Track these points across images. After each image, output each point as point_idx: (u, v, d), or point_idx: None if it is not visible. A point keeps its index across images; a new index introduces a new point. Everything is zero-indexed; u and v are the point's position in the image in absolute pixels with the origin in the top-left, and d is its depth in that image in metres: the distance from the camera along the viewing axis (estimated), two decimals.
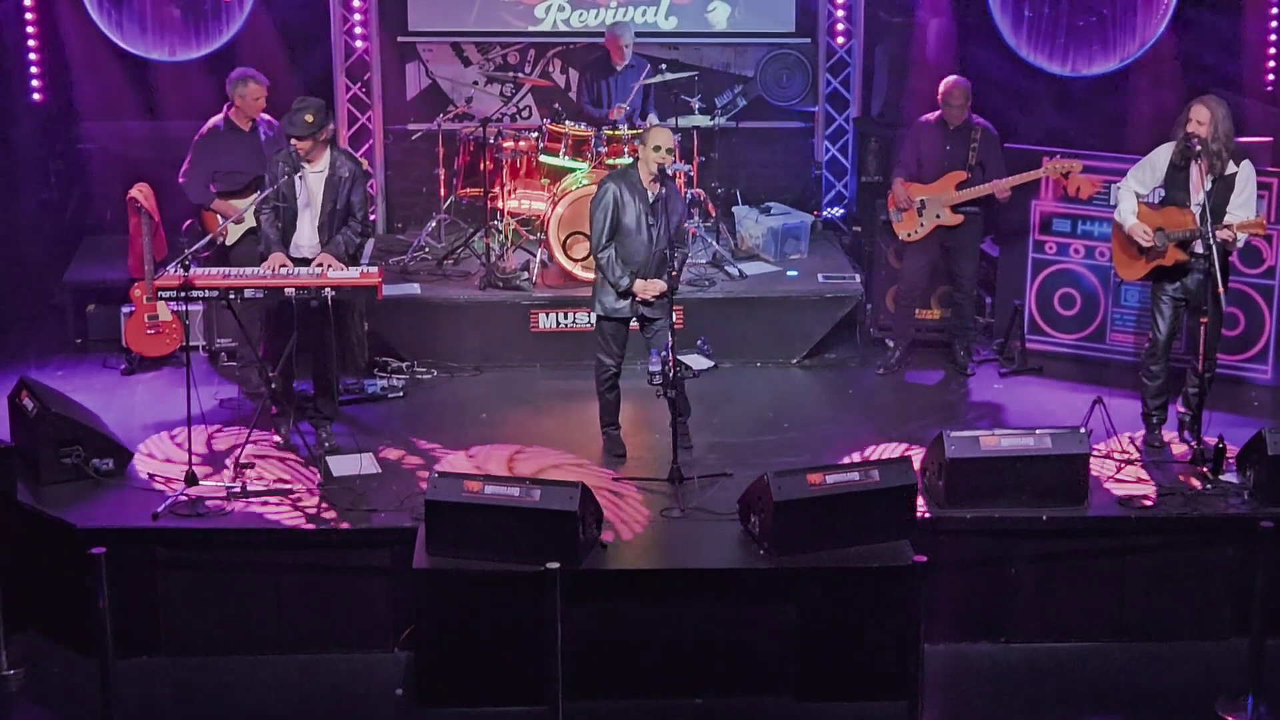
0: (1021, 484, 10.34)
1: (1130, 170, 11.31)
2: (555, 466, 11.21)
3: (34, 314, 14.01)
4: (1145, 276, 11.24)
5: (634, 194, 11.01)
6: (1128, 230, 11.09)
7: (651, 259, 11.09)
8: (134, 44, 14.61)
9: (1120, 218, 11.18)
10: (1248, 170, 10.96)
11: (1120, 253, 11.37)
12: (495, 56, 15.66)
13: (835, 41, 15.48)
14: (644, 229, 11.02)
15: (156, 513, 10.28)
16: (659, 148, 10.87)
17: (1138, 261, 11.21)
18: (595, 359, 11.49)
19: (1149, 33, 14.82)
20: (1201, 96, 11.00)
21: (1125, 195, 11.21)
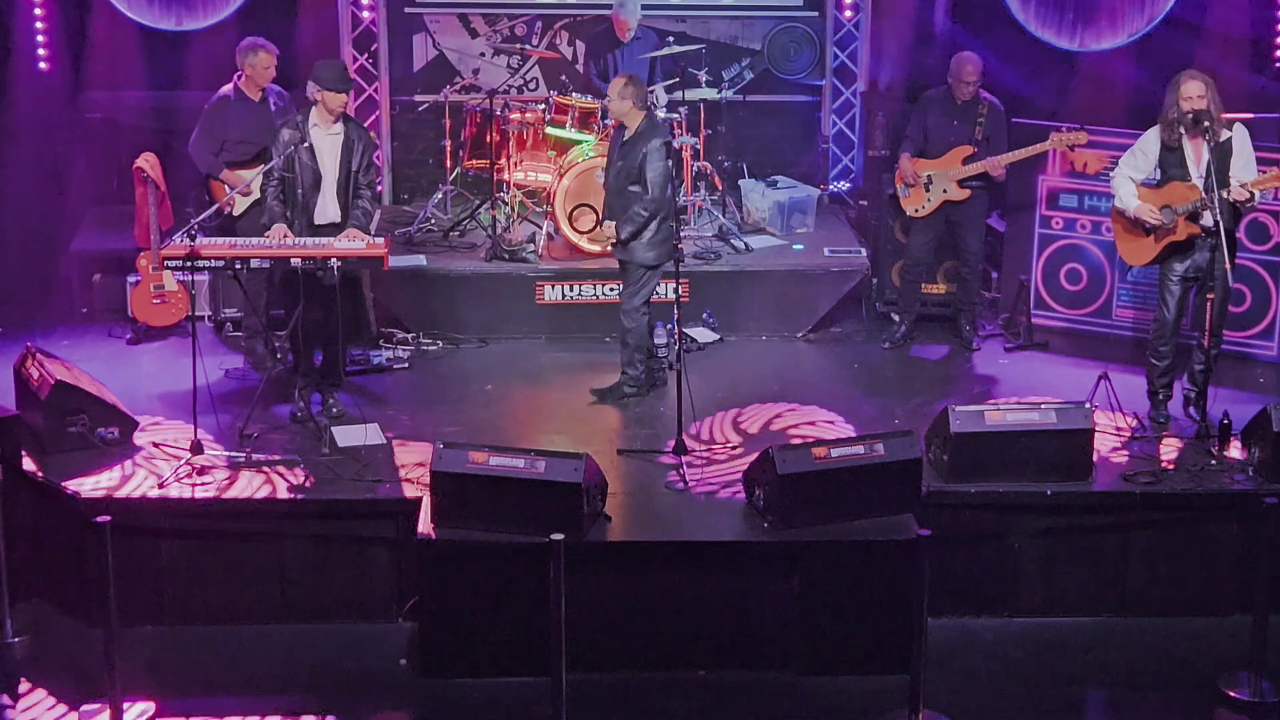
0: (1026, 459, 10.34)
1: (1121, 159, 11.34)
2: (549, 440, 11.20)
3: (40, 283, 14.00)
4: (1157, 257, 11.19)
5: (617, 136, 11.80)
6: (1133, 213, 11.08)
7: (609, 201, 11.78)
8: (141, 13, 14.58)
9: (1122, 203, 11.18)
10: (1242, 133, 11.00)
11: (1126, 239, 11.36)
12: (502, 28, 15.62)
13: (843, 15, 15.43)
14: (607, 171, 11.86)
15: (161, 482, 10.29)
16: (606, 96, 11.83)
17: (1146, 243, 11.18)
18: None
19: (1157, 9, 14.78)
20: (1186, 71, 11.00)
21: (1122, 182, 11.21)
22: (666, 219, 11.56)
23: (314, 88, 11.07)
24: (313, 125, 11.10)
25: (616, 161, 11.69)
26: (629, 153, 11.57)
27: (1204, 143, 10.86)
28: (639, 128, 11.58)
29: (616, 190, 11.67)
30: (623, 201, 11.58)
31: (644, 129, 11.57)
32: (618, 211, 11.63)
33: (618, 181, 11.65)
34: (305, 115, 11.15)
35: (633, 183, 11.53)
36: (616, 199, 11.67)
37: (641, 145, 11.50)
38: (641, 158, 11.48)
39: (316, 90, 11.05)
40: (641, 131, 11.56)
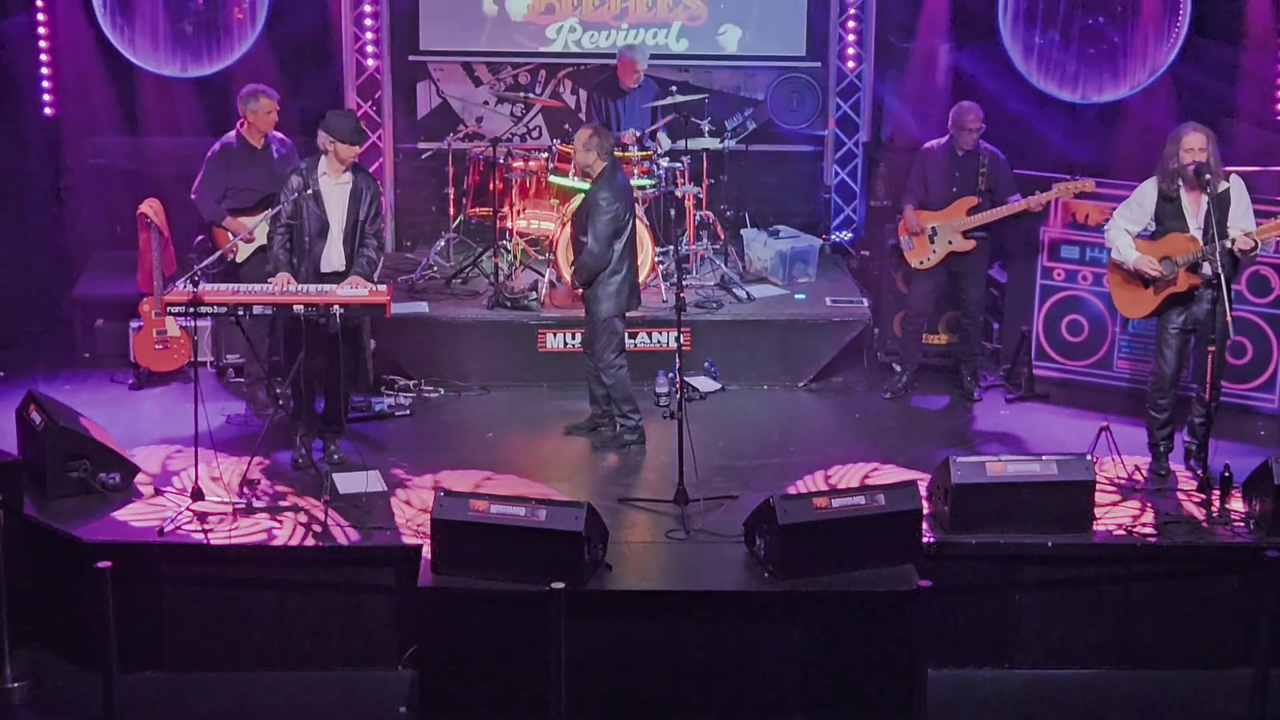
0: (1027, 510, 10.33)
1: (1115, 212, 11.33)
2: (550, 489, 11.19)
3: (43, 328, 14.03)
4: (1155, 310, 11.19)
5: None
6: (1133, 265, 11.07)
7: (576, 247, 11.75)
8: (146, 59, 14.65)
9: (1121, 255, 11.15)
10: (1239, 184, 11.01)
11: (1123, 292, 11.34)
12: (506, 77, 15.69)
13: (845, 66, 15.49)
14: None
15: (163, 528, 10.28)
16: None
17: (1144, 295, 11.16)
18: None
19: (1159, 61, 14.85)
20: (1188, 124, 11.01)
21: (1118, 234, 11.19)
22: (630, 270, 11.67)
23: (325, 138, 11.08)
24: (321, 174, 11.11)
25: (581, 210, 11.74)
26: (585, 202, 11.65)
27: (1202, 194, 10.87)
28: (600, 177, 11.61)
29: (578, 238, 11.72)
30: (578, 249, 11.68)
31: (600, 179, 11.61)
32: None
33: (579, 229, 11.68)
34: (314, 163, 11.16)
35: (583, 233, 11.58)
36: (577, 246, 11.75)
37: (593, 195, 11.57)
38: (586, 208, 11.57)
39: (328, 140, 11.07)
40: (596, 181, 11.61)
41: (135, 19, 14.59)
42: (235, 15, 14.77)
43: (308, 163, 11.22)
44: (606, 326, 11.72)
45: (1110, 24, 14.96)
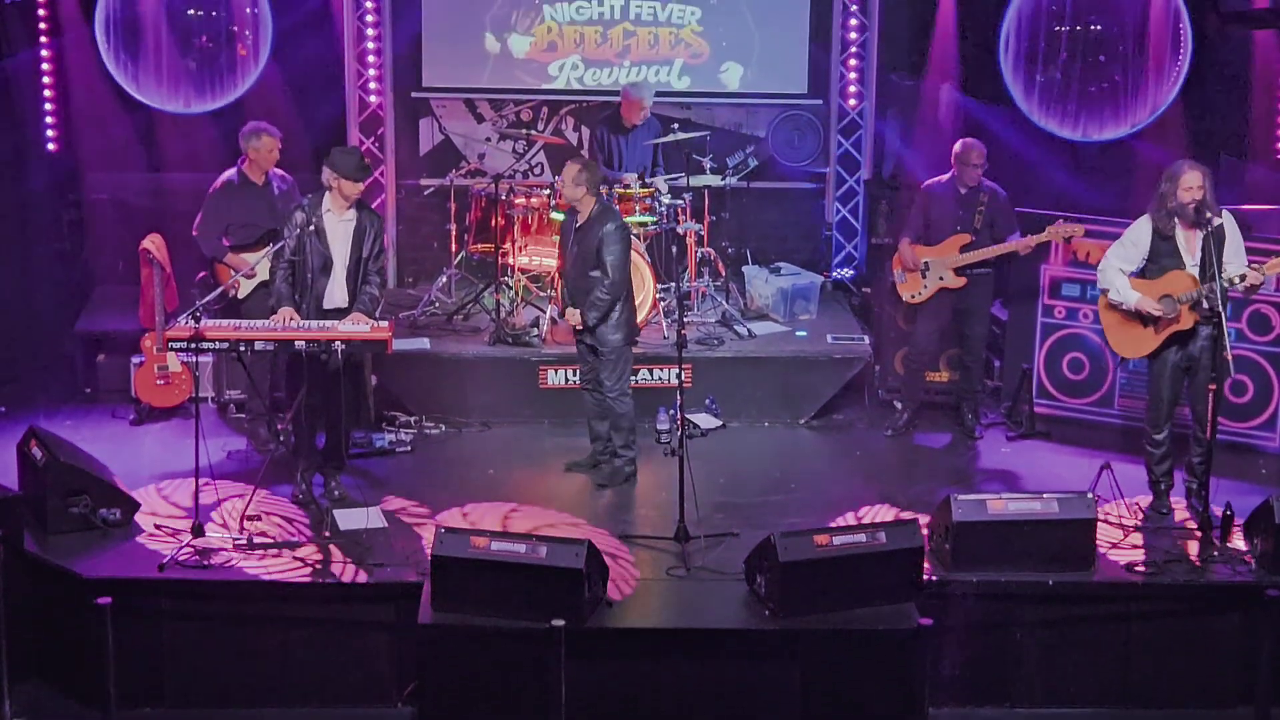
0: (1028, 548, 10.32)
1: (1109, 252, 11.27)
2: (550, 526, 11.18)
3: (45, 363, 14.04)
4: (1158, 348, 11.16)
5: (569, 221, 11.91)
6: (1134, 306, 11.03)
7: (571, 287, 11.84)
8: (149, 96, 14.71)
9: (1120, 296, 11.11)
10: (1230, 220, 11.02)
11: (1119, 332, 11.28)
12: (508, 113, 15.73)
13: (847, 103, 15.54)
14: (566, 257, 11.92)
15: (163, 564, 10.27)
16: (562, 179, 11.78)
17: (1143, 335, 11.12)
18: None
19: (1160, 100, 14.89)
20: (1185, 162, 11.00)
21: (1114, 275, 11.14)
22: (629, 298, 11.75)
23: (329, 174, 11.09)
24: (325, 210, 11.12)
25: (572, 248, 11.76)
26: (584, 238, 11.65)
27: (1198, 231, 10.88)
28: (591, 212, 11.66)
29: (576, 276, 11.73)
30: (584, 287, 11.66)
31: (596, 213, 11.66)
32: (579, 298, 11.72)
33: (576, 268, 11.71)
34: (318, 199, 11.17)
35: (591, 268, 11.60)
36: (577, 285, 11.74)
37: (597, 229, 11.59)
38: (598, 241, 11.57)
39: (333, 177, 11.08)
40: (595, 216, 11.65)
41: (139, 55, 14.66)
42: (239, 51, 14.83)
43: (312, 199, 11.23)
44: (621, 355, 11.80)
45: (1111, 62, 15.01)
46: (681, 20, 15.27)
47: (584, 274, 11.65)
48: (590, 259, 11.60)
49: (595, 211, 11.65)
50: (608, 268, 11.55)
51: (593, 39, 15.28)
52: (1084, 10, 14.97)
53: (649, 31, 15.28)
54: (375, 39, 15.10)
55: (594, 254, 11.57)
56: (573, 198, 11.64)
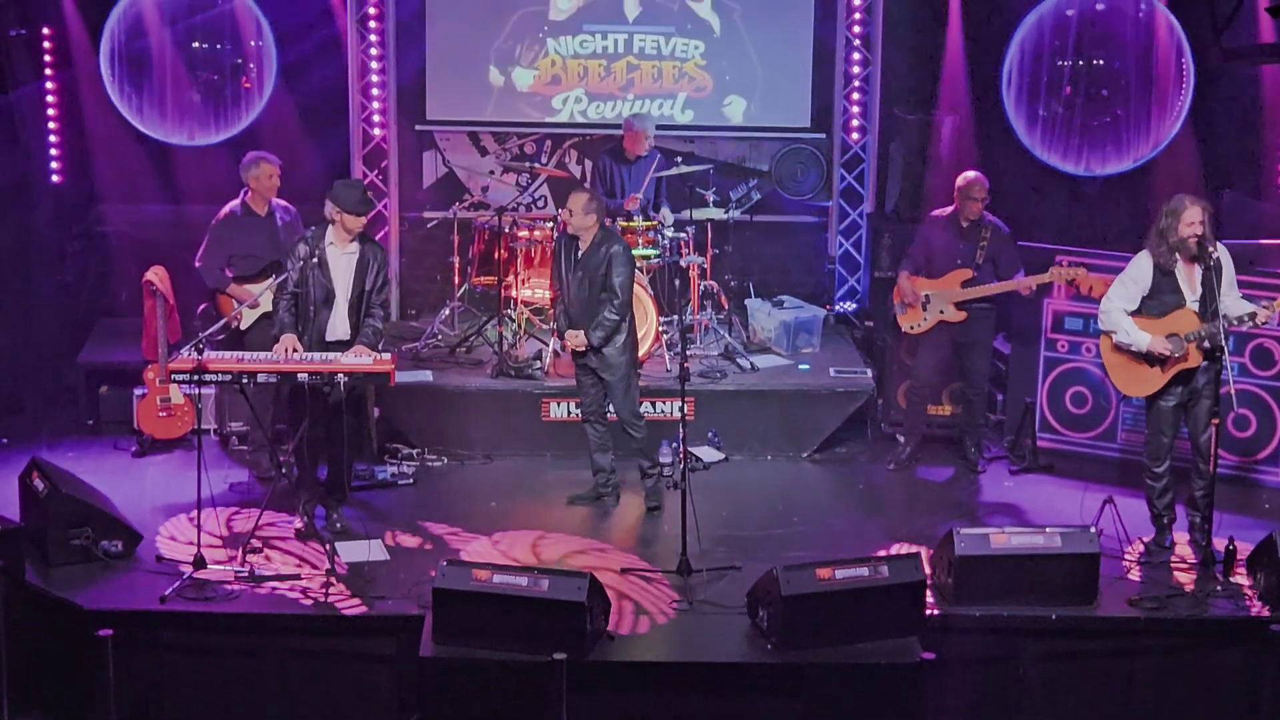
0: (1031, 583, 10.30)
1: (1110, 293, 11.18)
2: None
3: (47, 395, 14.05)
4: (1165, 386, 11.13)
5: (570, 247, 11.85)
6: (1147, 348, 10.93)
7: (574, 312, 11.83)
8: (153, 128, 14.76)
9: (1129, 338, 11.01)
10: (1225, 252, 11.00)
11: (1124, 372, 11.20)
12: (512, 146, 15.77)
13: (850, 137, 15.58)
14: (563, 280, 11.90)
15: (164, 596, 10.26)
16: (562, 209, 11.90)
17: (1150, 374, 11.05)
18: None
19: (1162, 134, 14.91)
20: (1186, 197, 10.96)
21: (1120, 317, 11.06)
22: (632, 324, 11.90)
23: (332, 207, 11.10)
24: (329, 243, 11.14)
25: (576, 273, 11.78)
26: (589, 262, 11.70)
27: (1197, 265, 10.88)
28: (595, 238, 11.72)
29: (584, 300, 11.77)
30: (591, 311, 11.73)
31: (600, 238, 11.73)
32: (583, 321, 11.78)
33: (583, 292, 11.76)
34: (321, 231, 11.19)
35: (600, 291, 11.69)
36: (583, 309, 11.78)
37: (604, 251, 11.67)
38: (606, 264, 11.63)
39: (335, 210, 11.09)
40: (599, 240, 11.71)
41: (144, 88, 14.72)
42: (243, 84, 14.88)
43: (315, 231, 11.23)
44: (630, 378, 11.95)
45: (1114, 97, 15.03)
46: (685, 54, 15.31)
47: (593, 298, 11.70)
48: (599, 283, 11.67)
49: (599, 237, 11.71)
50: (616, 288, 11.63)
51: (596, 73, 15.33)
52: (1087, 45, 15.00)
53: (653, 65, 15.32)
54: (380, 72, 15.15)
55: (602, 277, 11.65)
56: (582, 226, 11.67)
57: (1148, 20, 14.80)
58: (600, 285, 11.67)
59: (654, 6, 15.21)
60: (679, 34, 15.29)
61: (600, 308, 11.68)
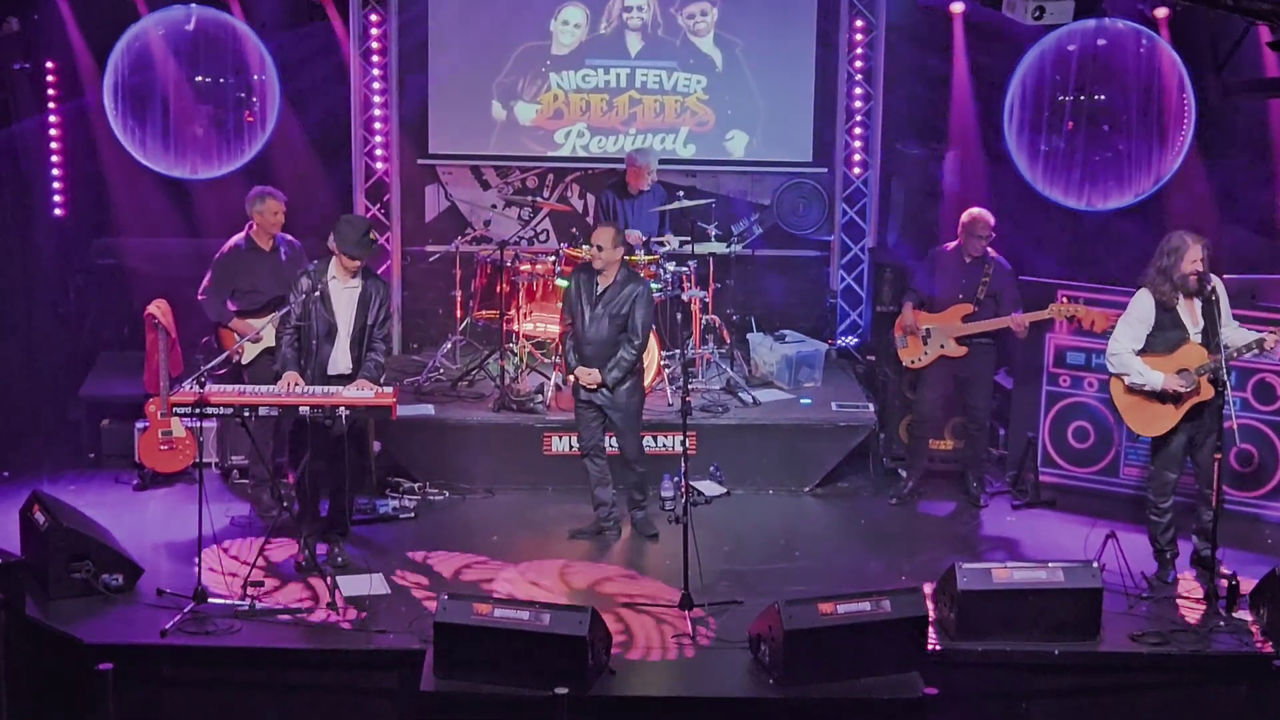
0: (1034, 618, 10.28)
1: (1116, 334, 11.14)
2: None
3: (49, 428, 14.06)
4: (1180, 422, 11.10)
5: (587, 284, 11.85)
6: (1162, 386, 10.90)
7: (591, 349, 11.82)
8: (156, 162, 14.77)
9: (1144, 379, 10.95)
10: (1219, 283, 11.01)
11: (1138, 413, 11.16)
12: (514, 180, 15.79)
13: (852, 172, 15.60)
14: (583, 318, 11.85)
15: (165, 629, 10.24)
16: (589, 244, 11.95)
17: (1164, 411, 11.01)
18: None
19: (1164, 169, 14.92)
20: (1187, 234, 10.96)
21: (1130, 359, 11.02)
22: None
23: (334, 242, 11.13)
24: (331, 277, 11.15)
25: (595, 309, 11.81)
26: (613, 299, 11.76)
27: (1197, 299, 10.88)
28: (618, 275, 11.79)
29: (605, 339, 11.80)
30: (608, 348, 11.78)
31: (624, 275, 11.82)
32: (600, 359, 11.81)
33: (602, 329, 11.79)
34: (324, 265, 11.20)
35: (620, 329, 11.74)
36: (601, 347, 11.81)
37: (629, 290, 11.74)
38: (630, 302, 11.69)
39: (335, 246, 11.12)
40: (623, 278, 11.79)
41: (147, 121, 14.72)
42: (246, 118, 14.90)
43: (318, 264, 11.25)
44: (639, 417, 12.13)
45: (1115, 132, 15.05)
46: (687, 89, 15.34)
47: (613, 336, 11.77)
48: (620, 320, 11.73)
49: (622, 274, 11.80)
50: (638, 328, 11.72)
51: (599, 107, 15.35)
52: (1088, 80, 15.02)
53: (655, 100, 15.35)
54: (382, 106, 15.18)
55: (624, 315, 11.70)
56: (610, 260, 11.76)
57: (1149, 55, 14.81)
58: (621, 323, 11.72)
59: (656, 41, 15.24)
60: (681, 69, 15.32)
61: (617, 346, 11.72)
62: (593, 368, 11.80)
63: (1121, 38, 14.82)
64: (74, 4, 14.43)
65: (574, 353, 11.97)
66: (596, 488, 12.17)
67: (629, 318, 11.73)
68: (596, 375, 11.77)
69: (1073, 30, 14.59)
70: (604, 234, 11.79)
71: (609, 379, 11.76)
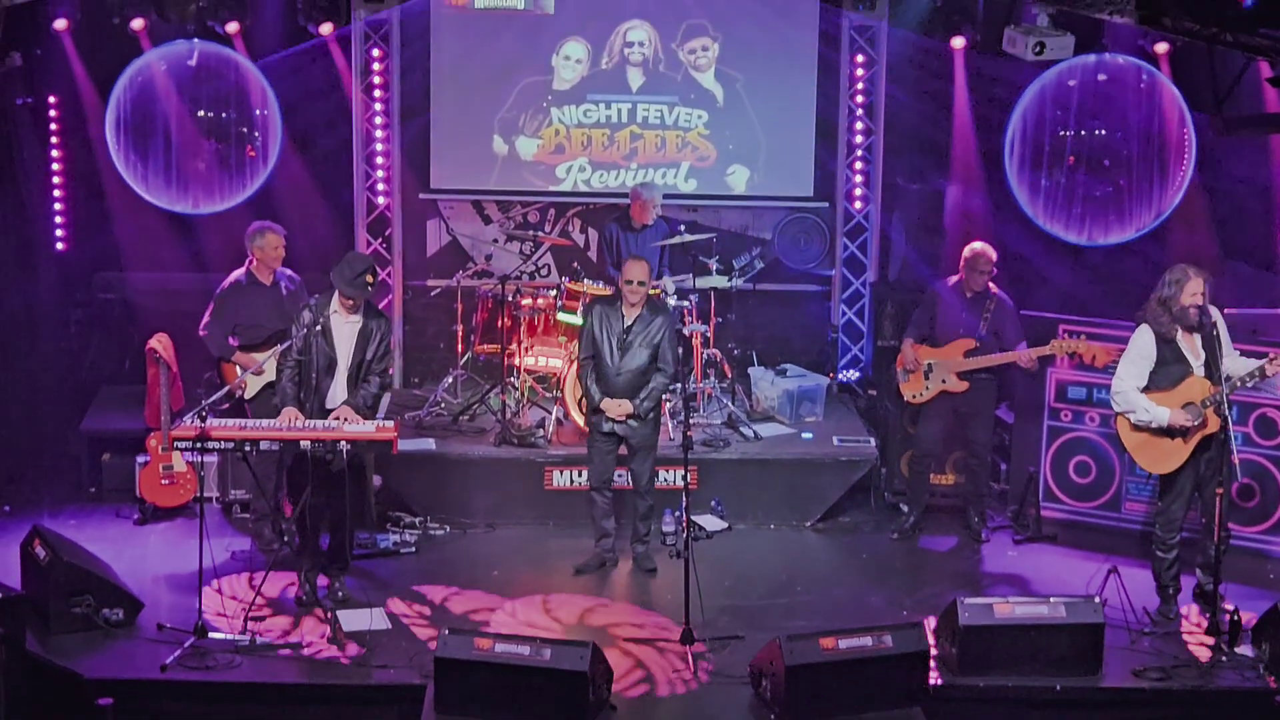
0: (1035, 653, 10.27)
1: (1119, 373, 11.14)
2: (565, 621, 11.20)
3: (49, 462, 14.04)
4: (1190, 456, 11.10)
5: (610, 317, 11.90)
6: (1169, 422, 10.90)
7: (621, 381, 11.83)
8: (158, 197, 14.79)
9: (1150, 415, 10.95)
10: (1217, 313, 11.01)
11: (1147, 450, 11.15)
12: (516, 215, 15.80)
13: (853, 206, 15.60)
14: (611, 352, 11.90)
15: (165, 664, 10.23)
16: (630, 281, 11.87)
17: (1173, 446, 11.00)
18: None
19: (1165, 204, 14.93)
20: (1189, 268, 10.97)
21: (1135, 396, 11.01)
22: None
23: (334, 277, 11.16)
24: (333, 311, 11.16)
25: (626, 342, 11.84)
26: (643, 331, 11.83)
27: (1198, 334, 10.89)
28: (645, 307, 11.87)
29: (638, 369, 11.85)
30: (641, 380, 11.83)
31: (650, 306, 11.92)
32: (631, 390, 11.84)
33: (635, 360, 11.84)
34: (326, 299, 11.21)
35: (652, 359, 11.83)
36: (636, 378, 11.86)
37: (659, 321, 11.85)
38: (661, 333, 11.79)
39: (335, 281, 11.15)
40: (648, 310, 11.88)
41: (148, 156, 14.74)
42: (248, 153, 14.93)
43: (321, 298, 11.26)
44: (656, 448, 12.22)
45: (1115, 167, 15.07)
46: (689, 124, 15.36)
47: (646, 366, 11.86)
48: (652, 351, 11.82)
49: (648, 306, 11.94)
50: (671, 359, 11.85)
51: (600, 142, 15.37)
52: (1088, 115, 15.04)
53: (656, 135, 15.36)
54: (384, 140, 15.20)
55: (657, 345, 11.81)
56: (646, 293, 11.91)
57: (1149, 90, 14.84)
58: (654, 353, 11.80)
59: (657, 76, 15.26)
60: (682, 103, 15.34)
61: (647, 376, 11.82)
62: (620, 399, 11.84)
63: (1122, 73, 14.85)
64: (77, 39, 14.46)
65: (597, 385, 11.95)
66: (603, 520, 12.19)
67: (660, 348, 11.82)
68: (628, 406, 11.82)
69: (1073, 65, 14.61)
70: (641, 268, 11.90)
71: (642, 409, 11.83)
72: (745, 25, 15.19)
